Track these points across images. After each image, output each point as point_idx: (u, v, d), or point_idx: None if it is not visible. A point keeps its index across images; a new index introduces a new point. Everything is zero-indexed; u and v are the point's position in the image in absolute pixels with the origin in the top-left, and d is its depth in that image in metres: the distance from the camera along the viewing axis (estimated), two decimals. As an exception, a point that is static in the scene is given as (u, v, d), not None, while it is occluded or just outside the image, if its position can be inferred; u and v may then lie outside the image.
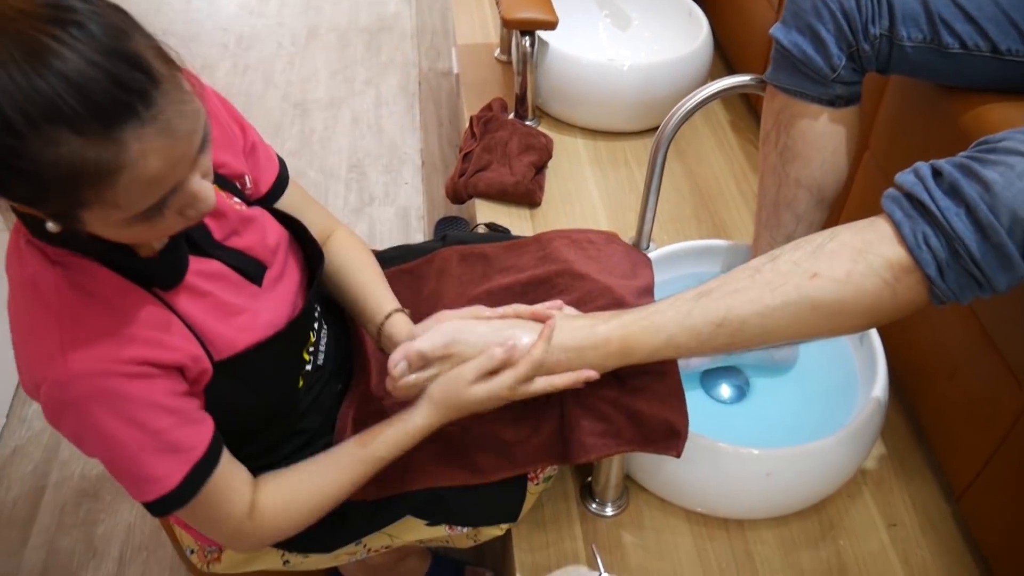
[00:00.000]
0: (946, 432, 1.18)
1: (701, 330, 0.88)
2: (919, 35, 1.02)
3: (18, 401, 1.81)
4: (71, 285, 0.75)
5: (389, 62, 2.88)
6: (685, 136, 1.87)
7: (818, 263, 0.84)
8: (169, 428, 0.78)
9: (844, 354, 1.25)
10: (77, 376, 0.73)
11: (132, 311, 0.77)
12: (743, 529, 1.15)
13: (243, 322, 0.87)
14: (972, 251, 0.77)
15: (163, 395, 0.77)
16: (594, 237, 1.17)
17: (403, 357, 0.89)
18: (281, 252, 0.96)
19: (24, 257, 0.76)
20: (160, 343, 0.77)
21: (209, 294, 0.84)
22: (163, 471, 0.79)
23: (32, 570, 1.53)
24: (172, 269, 0.82)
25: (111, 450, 0.77)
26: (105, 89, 0.60)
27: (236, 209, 0.91)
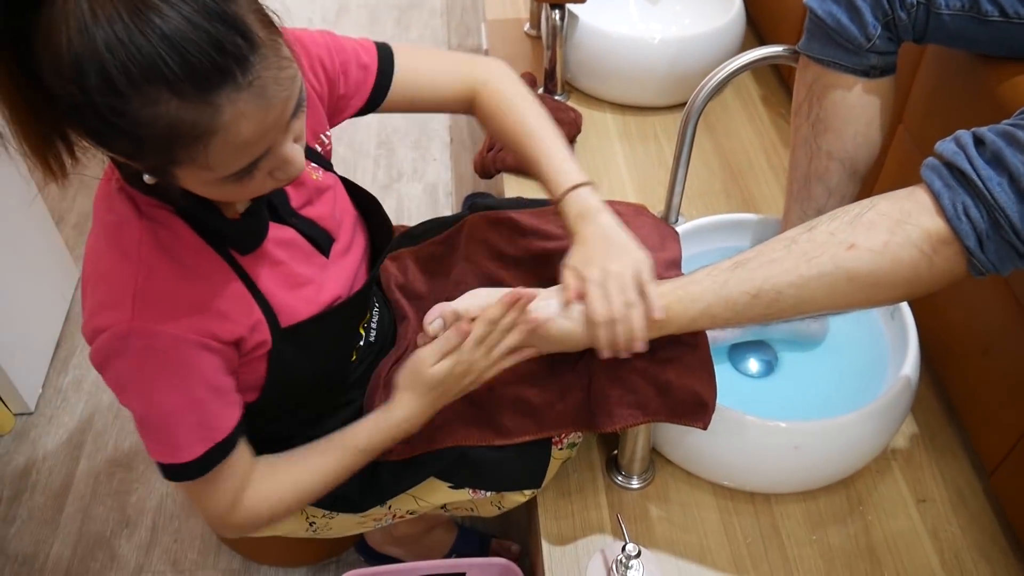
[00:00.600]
0: (978, 409, 1.17)
1: (737, 300, 0.88)
2: (957, 3, 1.00)
3: (54, 372, 1.84)
4: (154, 240, 0.76)
5: (419, 38, 2.87)
6: (715, 111, 1.85)
7: (855, 234, 0.83)
8: (206, 401, 0.80)
9: (875, 329, 1.24)
10: (139, 331, 0.74)
11: (206, 278, 0.79)
12: (770, 503, 1.15)
13: (308, 293, 0.89)
14: (1014, 222, 0.76)
15: (213, 369, 0.79)
16: (622, 209, 1.16)
17: (439, 315, 0.90)
18: (348, 225, 0.97)
19: (114, 203, 0.78)
20: (224, 316, 0.79)
21: (282, 263, 0.86)
22: (186, 442, 0.80)
23: (67, 537, 1.56)
24: (253, 233, 0.84)
25: (149, 406, 0.79)
26: (204, 52, 0.61)
27: (313, 178, 0.92)
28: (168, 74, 0.60)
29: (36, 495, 1.63)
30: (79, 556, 1.54)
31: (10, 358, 1.68)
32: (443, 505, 1.10)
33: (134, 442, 1.71)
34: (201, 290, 0.78)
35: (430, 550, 1.44)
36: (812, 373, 1.26)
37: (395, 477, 1.04)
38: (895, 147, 1.33)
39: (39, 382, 1.81)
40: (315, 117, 0.95)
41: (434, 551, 1.44)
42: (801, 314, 0.89)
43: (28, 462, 1.68)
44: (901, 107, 1.30)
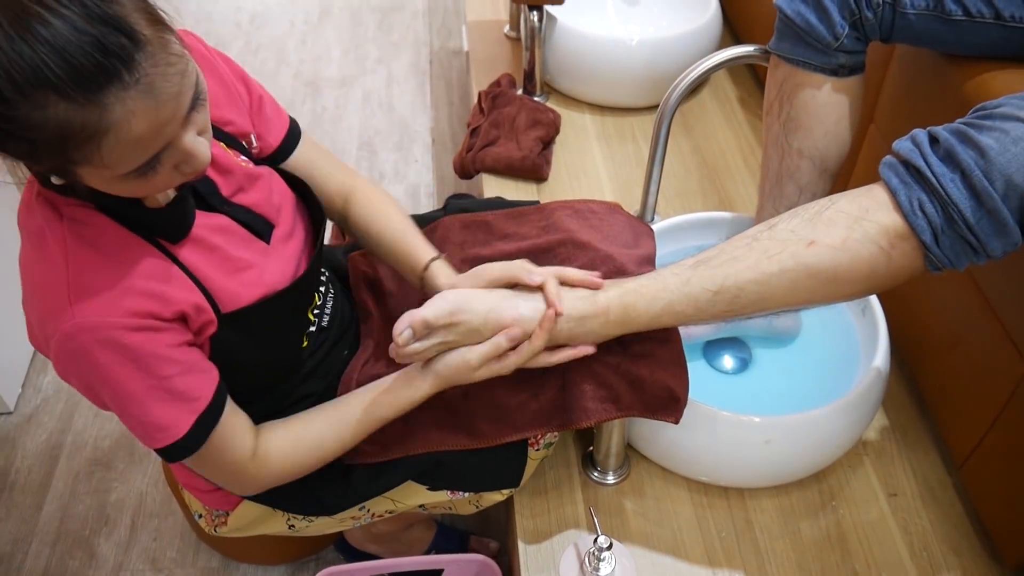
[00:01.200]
0: (947, 402, 1.19)
1: (699, 297, 0.89)
2: (922, 3, 1.01)
3: (33, 371, 1.84)
4: (77, 238, 0.77)
5: (401, 41, 2.88)
6: (693, 111, 1.86)
7: (815, 230, 0.85)
8: (174, 376, 0.80)
9: (846, 325, 1.25)
10: (82, 328, 0.75)
11: (135, 264, 0.79)
12: (743, 498, 1.16)
13: (249, 277, 0.89)
14: (967, 217, 0.78)
15: (166, 345, 0.79)
16: (596, 207, 1.17)
17: (408, 325, 0.89)
18: (288, 211, 0.97)
19: (34, 210, 0.78)
20: (161, 295, 0.79)
21: (217, 248, 0.86)
22: (171, 420, 0.81)
23: (46, 536, 1.56)
24: (178, 221, 0.84)
25: (120, 399, 0.80)
26: (87, 54, 0.62)
27: (242, 166, 0.92)
28: (52, 78, 0.61)
29: (15, 494, 1.63)
30: (58, 555, 1.53)
31: (-12, 358, 1.68)
32: (421, 504, 1.11)
33: (114, 441, 1.71)
34: (132, 274, 0.78)
35: (409, 547, 1.44)
36: (786, 369, 1.28)
37: (370, 480, 1.04)
38: (866, 145, 1.35)
39: (19, 382, 1.80)
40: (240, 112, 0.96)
41: (413, 548, 1.45)
42: (764, 310, 0.91)
43: (7, 461, 1.68)
44: (871, 106, 1.32)
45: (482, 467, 1.05)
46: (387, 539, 1.42)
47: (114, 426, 1.74)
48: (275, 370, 0.97)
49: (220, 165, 0.90)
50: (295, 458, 0.93)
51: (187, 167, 0.74)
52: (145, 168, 0.70)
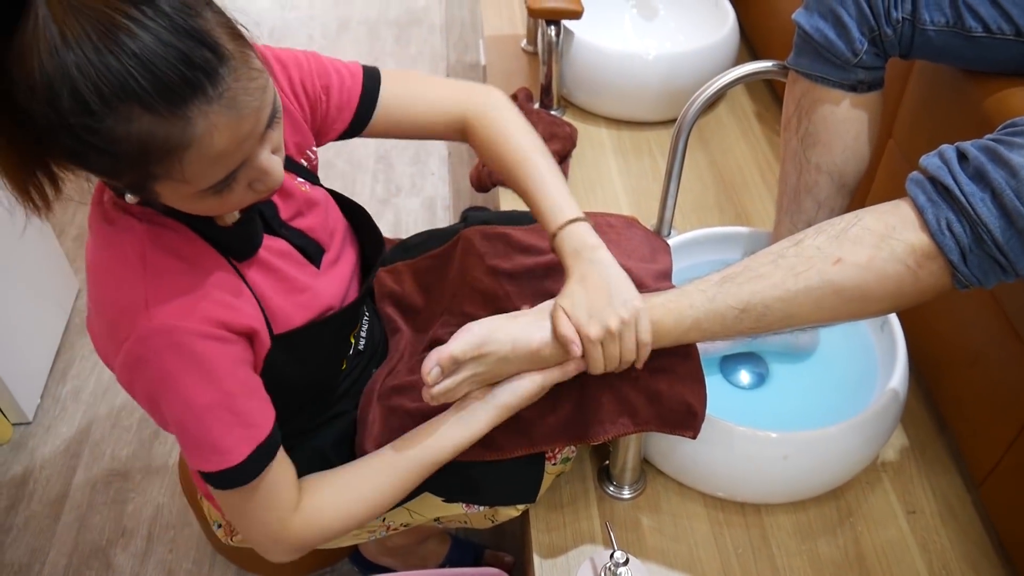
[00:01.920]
0: (967, 420, 1.18)
1: (726, 315, 0.89)
2: (942, 19, 1.01)
3: (52, 381, 1.85)
4: (155, 242, 0.77)
5: (418, 55, 2.90)
6: (710, 126, 1.86)
7: (841, 248, 0.84)
8: (238, 395, 0.79)
9: (864, 341, 1.25)
10: (158, 331, 0.74)
11: (211, 274, 0.79)
12: (760, 514, 1.16)
13: (304, 300, 0.89)
14: (997, 237, 0.77)
15: (235, 360, 0.79)
16: (614, 221, 1.17)
17: (436, 363, 0.88)
18: (339, 236, 0.98)
19: (111, 214, 0.79)
20: (234, 307, 0.79)
21: (277, 270, 0.87)
22: (231, 443, 0.80)
23: (63, 546, 1.57)
24: (247, 241, 0.85)
25: (183, 411, 0.78)
26: (173, 67, 0.62)
27: (302, 191, 0.93)
28: (139, 90, 0.62)
29: (33, 504, 1.64)
30: (75, 565, 1.54)
31: (9, 368, 1.69)
32: (437, 518, 1.11)
33: (131, 452, 1.72)
34: (209, 284, 0.78)
35: (424, 560, 1.44)
36: (803, 385, 1.27)
37: None
38: (885, 160, 1.35)
39: (38, 392, 1.82)
40: (300, 134, 0.96)
41: (428, 561, 1.45)
42: (789, 327, 0.91)
43: (25, 472, 1.69)
44: (890, 121, 1.32)
45: (499, 481, 1.05)
46: (402, 552, 1.42)
47: (131, 436, 1.75)
48: (315, 390, 0.97)
49: (282, 189, 0.91)
50: (342, 512, 0.89)
51: (261, 185, 0.74)
52: (222, 185, 0.70)
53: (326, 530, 0.88)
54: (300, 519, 0.86)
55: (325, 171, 2.35)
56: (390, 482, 0.91)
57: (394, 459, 0.92)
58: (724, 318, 0.89)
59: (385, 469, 0.92)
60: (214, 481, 0.82)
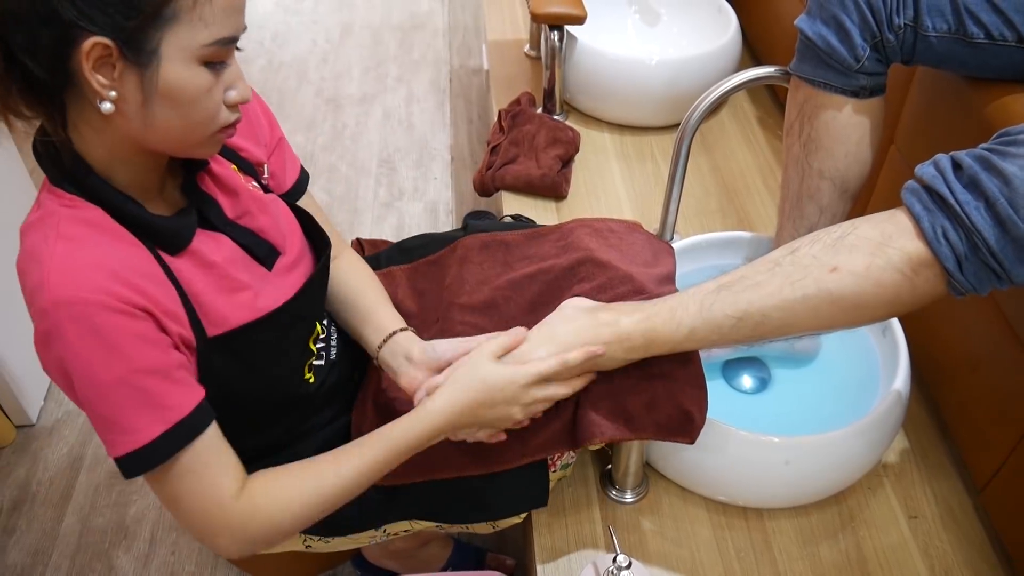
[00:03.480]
0: (968, 425, 1.18)
1: (722, 323, 0.89)
2: (944, 25, 1.02)
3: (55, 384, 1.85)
4: (73, 217, 0.76)
5: (421, 59, 2.91)
6: (712, 131, 1.87)
7: (837, 256, 0.85)
8: (148, 372, 0.76)
9: (866, 346, 1.25)
10: (60, 302, 0.72)
11: (125, 254, 0.77)
12: (762, 519, 1.16)
13: (242, 299, 0.87)
14: (991, 245, 0.78)
15: (142, 337, 0.75)
16: (615, 226, 1.18)
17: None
18: (295, 241, 0.97)
19: (41, 202, 0.79)
20: (142, 288, 0.76)
21: (213, 266, 0.85)
22: (138, 422, 0.76)
23: (66, 548, 1.57)
24: (178, 231, 0.83)
25: (87, 387, 0.75)
26: None
27: (250, 190, 0.93)
28: None
29: (36, 506, 1.64)
30: (77, 567, 1.55)
31: (13, 370, 1.70)
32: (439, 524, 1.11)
33: (134, 455, 1.73)
34: (119, 261, 0.76)
35: (426, 564, 1.45)
36: (805, 389, 1.27)
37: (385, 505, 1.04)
38: (887, 166, 1.35)
39: (41, 395, 1.82)
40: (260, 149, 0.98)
41: (430, 565, 1.45)
42: (787, 335, 0.91)
43: (29, 473, 1.70)
44: (892, 127, 1.32)
45: (506, 492, 1.05)
46: (404, 556, 1.43)
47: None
48: (278, 401, 0.95)
49: (226, 186, 0.90)
50: (294, 504, 0.85)
51: (235, 92, 0.78)
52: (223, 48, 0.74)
53: (274, 521, 0.84)
54: (241, 507, 0.82)
55: (328, 175, 2.37)
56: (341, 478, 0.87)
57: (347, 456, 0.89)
58: (720, 327, 0.90)
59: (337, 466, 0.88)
60: (125, 466, 0.77)
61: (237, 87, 0.78)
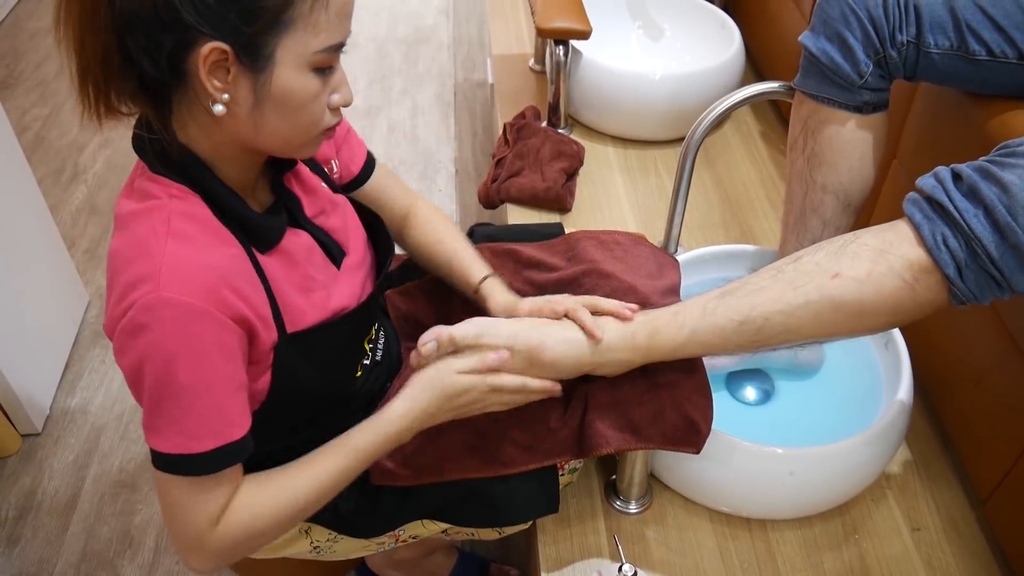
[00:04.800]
0: (971, 437, 1.19)
1: (724, 327, 0.90)
2: (946, 42, 1.03)
3: (61, 392, 1.87)
4: (184, 217, 0.78)
5: (426, 72, 2.93)
6: (716, 146, 1.88)
7: (840, 263, 0.86)
8: (224, 388, 0.78)
9: (869, 359, 1.26)
10: (167, 302, 0.74)
11: (230, 258, 0.80)
12: (766, 529, 1.16)
13: (318, 299, 0.91)
14: (990, 251, 0.79)
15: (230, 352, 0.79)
16: (621, 238, 1.19)
17: (434, 338, 0.92)
18: (359, 241, 1.01)
19: (141, 191, 0.80)
20: (244, 296, 0.79)
21: (298, 264, 0.89)
22: (200, 431, 0.78)
23: (71, 557, 1.58)
24: (273, 228, 0.87)
25: (168, 383, 0.76)
26: None
27: (323, 189, 0.96)
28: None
29: (41, 515, 1.65)
30: (82, 576, 1.55)
31: (19, 380, 1.71)
32: (444, 530, 1.12)
33: (139, 463, 1.73)
34: (226, 267, 0.79)
35: (430, 574, 1.45)
36: (808, 401, 1.28)
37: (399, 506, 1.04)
38: (889, 181, 1.37)
39: (47, 404, 1.83)
40: (328, 145, 1.01)
41: (434, 575, 1.45)
42: (789, 342, 0.92)
43: (34, 482, 1.70)
44: (895, 142, 1.33)
45: (516, 499, 1.05)
46: (408, 565, 1.43)
47: (140, 448, 1.76)
48: (330, 396, 0.98)
49: (306, 184, 0.94)
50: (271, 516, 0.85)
51: (338, 96, 0.81)
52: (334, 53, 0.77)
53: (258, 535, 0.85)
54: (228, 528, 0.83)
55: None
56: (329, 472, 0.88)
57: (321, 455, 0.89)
58: (723, 331, 0.90)
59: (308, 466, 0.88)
60: (166, 461, 0.79)
61: (341, 91, 0.81)
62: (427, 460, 1.01)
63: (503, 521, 1.07)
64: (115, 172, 2.50)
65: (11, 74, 2.92)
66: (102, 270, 2.17)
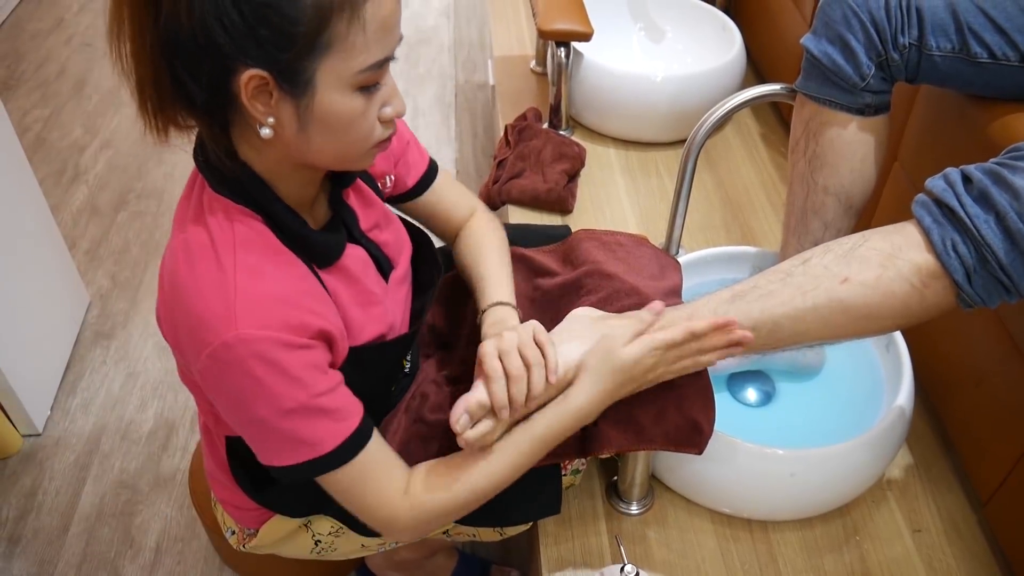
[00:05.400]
0: (972, 439, 1.19)
1: None
2: (948, 45, 1.04)
3: (62, 393, 1.87)
4: (246, 247, 0.79)
5: (427, 74, 2.93)
6: (717, 147, 1.89)
7: (849, 268, 0.86)
8: (324, 393, 0.81)
9: (871, 361, 1.26)
10: (244, 340, 0.75)
11: (297, 280, 0.81)
12: (767, 531, 1.17)
13: (377, 313, 0.91)
14: (1000, 258, 0.79)
15: (317, 364, 0.80)
16: (623, 239, 1.19)
17: (464, 411, 0.88)
18: (406, 256, 1.01)
19: (202, 214, 0.81)
20: (318, 312, 0.81)
21: (356, 280, 0.89)
22: (321, 436, 0.81)
23: (72, 558, 1.58)
24: (333, 245, 0.87)
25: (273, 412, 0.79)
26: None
27: (380, 203, 0.97)
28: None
29: (42, 516, 1.65)
30: (83, 577, 1.55)
31: (20, 380, 1.71)
32: (446, 530, 1.12)
33: (140, 465, 1.73)
34: (295, 290, 0.80)
35: (431, 575, 1.45)
36: (809, 403, 1.28)
37: None
38: (891, 183, 1.37)
39: (48, 404, 1.83)
40: (385, 154, 0.99)
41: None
42: (798, 344, 0.93)
43: (35, 483, 1.70)
44: (896, 145, 1.34)
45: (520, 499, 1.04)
46: (409, 566, 1.43)
47: (140, 449, 1.76)
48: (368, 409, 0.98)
49: (364, 198, 0.94)
50: (453, 493, 0.89)
51: (390, 108, 0.79)
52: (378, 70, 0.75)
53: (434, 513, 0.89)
54: (408, 503, 0.87)
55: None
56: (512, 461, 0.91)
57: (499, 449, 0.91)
58: None
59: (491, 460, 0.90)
60: (305, 469, 0.82)
61: (392, 103, 0.79)
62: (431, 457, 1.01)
63: (505, 521, 1.07)
64: (116, 173, 2.51)
65: (12, 75, 2.93)
66: (103, 270, 2.17)
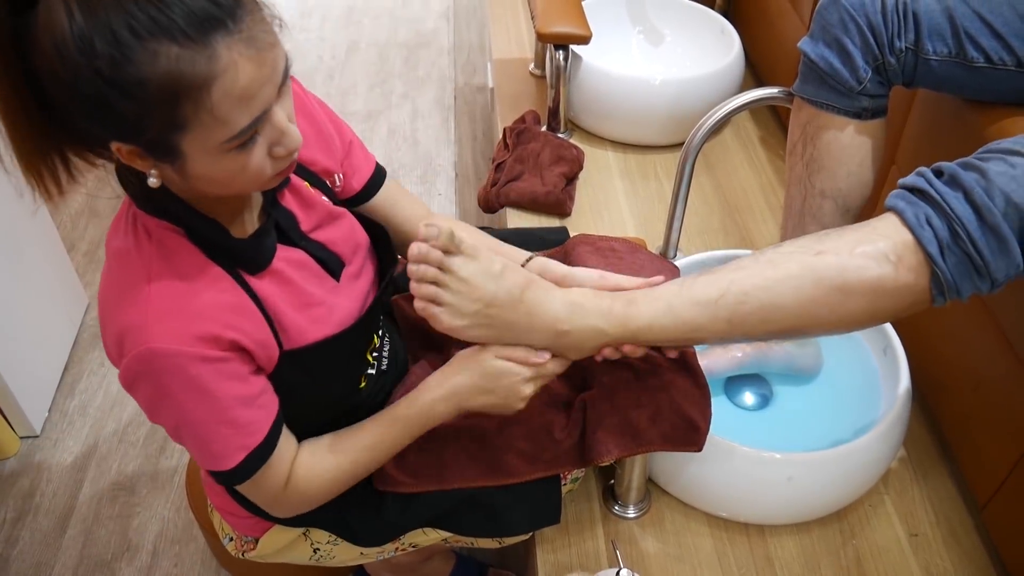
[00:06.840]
0: (969, 443, 1.19)
1: (700, 300, 0.87)
2: (944, 49, 1.04)
3: (60, 395, 1.87)
4: (165, 262, 0.80)
5: (426, 76, 2.93)
6: (715, 151, 1.89)
7: (823, 243, 0.85)
8: (234, 406, 0.83)
9: (867, 364, 1.26)
10: (156, 353, 0.77)
11: (214, 294, 0.81)
12: (764, 534, 1.17)
13: (318, 314, 0.91)
14: (971, 232, 0.79)
15: (230, 376, 0.82)
16: (617, 245, 1.18)
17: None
18: (361, 252, 1.00)
19: (126, 231, 0.82)
20: (233, 325, 0.81)
21: (291, 282, 0.88)
22: (225, 451, 0.85)
23: (69, 560, 1.58)
24: (260, 252, 0.87)
25: (182, 423, 0.83)
26: (201, 4, 0.66)
27: (323, 202, 0.95)
28: (168, 23, 0.65)
29: (39, 517, 1.65)
30: (80, 579, 1.55)
31: (18, 382, 1.71)
32: (445, 538, 1.12)
33: (137, 466, 1.73)
34: (209, 304, 0.80)
35: (428, 578, 1.45)
36: (806, 407, 1.28)
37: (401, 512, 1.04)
38: (888, 187, 1.37)
39: (46, 406, 1.83)
40: (332, 159, 0.98)
41: (432, 579, 1.45)
42: (769, 325, 0.87)
43: (32, 484, 1.70)
44: (893, 148, 1.34)
45: (520, 509, 1.05)
46: (406, 571, 1.43)
47: (138, 451, 1.76)
48: (332, 408, 0.98)
49: (303, 199, 0.93)
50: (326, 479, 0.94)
51: (281, 148, 0.76)
52: (246, 134, 0.72)
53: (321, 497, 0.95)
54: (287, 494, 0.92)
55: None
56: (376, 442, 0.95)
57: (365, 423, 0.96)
58: (699, 302, 0.87)
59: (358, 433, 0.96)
60: (215, 477, 0.88)
61: (282, 141, 0.76)
62: (429, 468, 1.01)
63: (505, 531, 1.07)
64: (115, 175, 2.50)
65: (12, 76, 2.92)
66: (102, 273, 2.17)
